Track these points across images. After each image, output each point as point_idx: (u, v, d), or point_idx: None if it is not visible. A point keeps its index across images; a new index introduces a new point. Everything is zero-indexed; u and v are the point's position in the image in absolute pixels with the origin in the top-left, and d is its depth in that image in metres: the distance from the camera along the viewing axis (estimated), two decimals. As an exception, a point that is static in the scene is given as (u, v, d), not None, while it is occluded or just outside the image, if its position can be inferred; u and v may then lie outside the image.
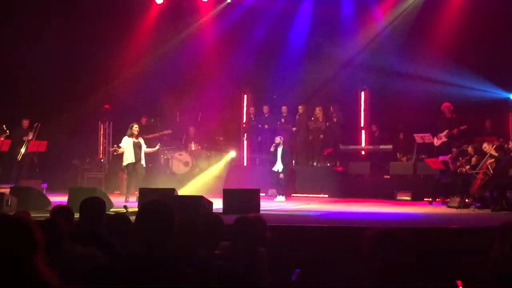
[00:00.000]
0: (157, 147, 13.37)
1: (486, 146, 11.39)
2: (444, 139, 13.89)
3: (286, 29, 16.88)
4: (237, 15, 16.88)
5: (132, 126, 12.90)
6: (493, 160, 11.09)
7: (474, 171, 11.26)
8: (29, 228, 2.55)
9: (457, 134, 13.70)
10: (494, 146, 11.22)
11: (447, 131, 13.86)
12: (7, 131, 14.22)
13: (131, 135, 12.80)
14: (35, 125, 14.67)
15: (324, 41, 15.98)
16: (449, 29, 14.94)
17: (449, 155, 12.63)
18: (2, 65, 15.27)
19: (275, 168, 14.02)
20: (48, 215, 5.54)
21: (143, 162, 12.88)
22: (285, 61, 16.47)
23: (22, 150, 14.47)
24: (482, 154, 11.66)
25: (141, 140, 13.00)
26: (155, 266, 3.01)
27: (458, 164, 11.92)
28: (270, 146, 16.27)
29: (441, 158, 12.85)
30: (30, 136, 14.56)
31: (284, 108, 16.20)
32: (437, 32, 15.23)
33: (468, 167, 11.56)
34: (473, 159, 11.63)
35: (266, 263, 4.56)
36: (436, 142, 14.02)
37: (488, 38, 14.36)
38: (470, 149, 11.96)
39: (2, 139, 14.05)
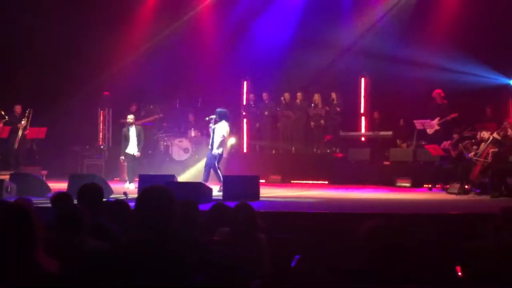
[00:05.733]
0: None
1: (484, 134, 11.37)
2: (436, 127, 13.86)
3: (286, 15, 16.78)
4: (236, 1, 16.78)
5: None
6: (492, 145, 11.09)
7: (474, 158, 11.26)
8: (28, 215, 2.54)
9: (449, 122, 13.65)
10: (498, 132, 11.19)
11: (438, 118, 13.83)
12: (6, 117, 14.22)
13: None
14: (27, 111, 14.62)
15: (324, 27, 15.91)
16: (450, 14, 14.89)
17: (449, 141, 12.59)
18: (1, 51, 15.24)
19: (130, 151, 13.02)
20: (48, 202, 5.55)
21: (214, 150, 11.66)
22: (285, 47, 16.40)
23: (18, 136, 14.43)
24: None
25: (212, 126, 11.77)
26: (154, 252, 3.02)
27: (459, 148, 11.90)
28: (270, 133, 16.24)
29: (442, 145, 12.78)
30: (24, 123, 14.52)
31: (286, 95, 16.16)
32: (438, 17, 15.19)
33: (472, 153, 11.52)
34: (482, 144, 11.55)
35: (266, 249, 4.58)
36: (429, 131, 14.00)
37: (488, 24, 14.29)
38: (479, 135, 11.88)
39: (1, 125, 14.04)
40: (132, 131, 12.96)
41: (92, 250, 3.58)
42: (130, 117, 13.23)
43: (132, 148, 12.94)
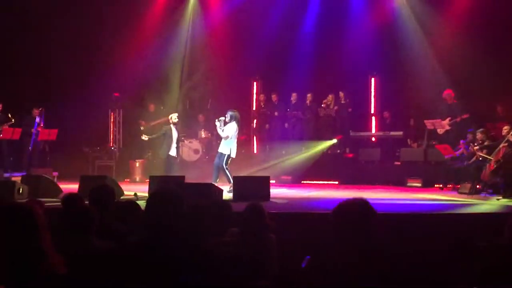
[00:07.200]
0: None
1: (506, 128, 11.27)
2: (447, 127, 13.81)
3: (296, 16, 16.77)
4: (247, 2, 16.78)
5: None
6: (506, 145, 11.03)
7: (489, 157, 11.19)
8: (32, 214, 2.55)
9: (460, 122, 13.59)
10: None
11: (449, 118, 13.77)
12: (12, 120, 14.30)
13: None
14: (39, 109, 14.73)
15: (334, 26, 15.90)
16: (462, 12, 14.84)
17: (462, 140, 12.53)
18: (11, 53, 15.33)
19: (172, 153, 12.80)
20: (60, 203, 5.58)
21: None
22: (294, 47, 16.39)
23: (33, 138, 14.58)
24: (492, 139, 11.66)
25: (221, 127, 12.01)
26: (164, 253, 3.02)
27: (471, 149, 11.86)
28: (280, 133, 16.18)
29: (457, 151, 12.66)
30: (38, 120, 14.63)
31: (294, 95, 16.16)
32: (449, 16, 15.13)
33: (477, 147, 11.52)
34: (486, 143, 11.58)
35: (275, 250, 4.57)
36: (440, 131, 13.94)
37: (501, 23, 14.21)
38: (479, 135, 11.91)
39: (6, 127, 14.12)
40: (175, 132, 12.80)
41: (101, 251, 3.59)
42: (175, 116, 12.88)
43: (173, 149, 12.76)
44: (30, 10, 15.35)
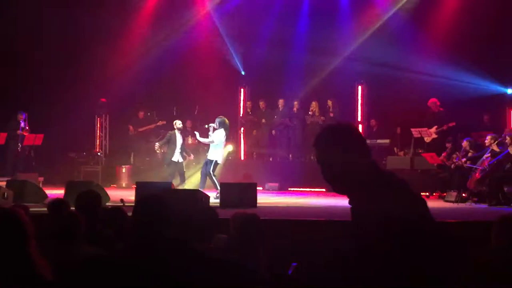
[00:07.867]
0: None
1: (488, 139, 11.39)
2: (434, 136, 13.91)
3: (283, 23, 16.81)
4: (234, 9, 16.81)
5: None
6: (489, 155, 11.13)
7: (474, 166, 11.28)
8: (18, 220, 2.53)
9: (447, 130, 13.70)
10: (496, 142, 11.22)
11: (436, 126, 13.87)
12: None
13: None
14: (24, 114, 14.63)
15: (321, 34, 15.95)
16: (448, 21, 14.96)
17: (444, 152, 12.64)
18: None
19: (175, 158, 12.88)
20: (45, 208, 5.55)
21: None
22: (282, 55, 16.42)
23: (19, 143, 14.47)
24: (477, 148, 11.77)
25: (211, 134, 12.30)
26: (150, 259, 3.01)
27: (453, 159, 11.96)
28: (267, 140, 16.22)
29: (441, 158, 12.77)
30: (22, 124, 14.51)
31: (281, 102, 16.18)
32: (436, 25, 15.25)
33: (464, 159, 11.62)
34: (469, 154, 11.71)
35: (263, 257, 4.57)
36: (427, 139, 14.04)
37: (486, 32, 14.35)
38: (465, 143, 12.00)
39: None
40: (179, 137, 12.86)
41: (88, 257, 3.57)
42: (179, 122, 13.02)
43: (177, 155, 12.79)
44: (17, 14, 15.28)
